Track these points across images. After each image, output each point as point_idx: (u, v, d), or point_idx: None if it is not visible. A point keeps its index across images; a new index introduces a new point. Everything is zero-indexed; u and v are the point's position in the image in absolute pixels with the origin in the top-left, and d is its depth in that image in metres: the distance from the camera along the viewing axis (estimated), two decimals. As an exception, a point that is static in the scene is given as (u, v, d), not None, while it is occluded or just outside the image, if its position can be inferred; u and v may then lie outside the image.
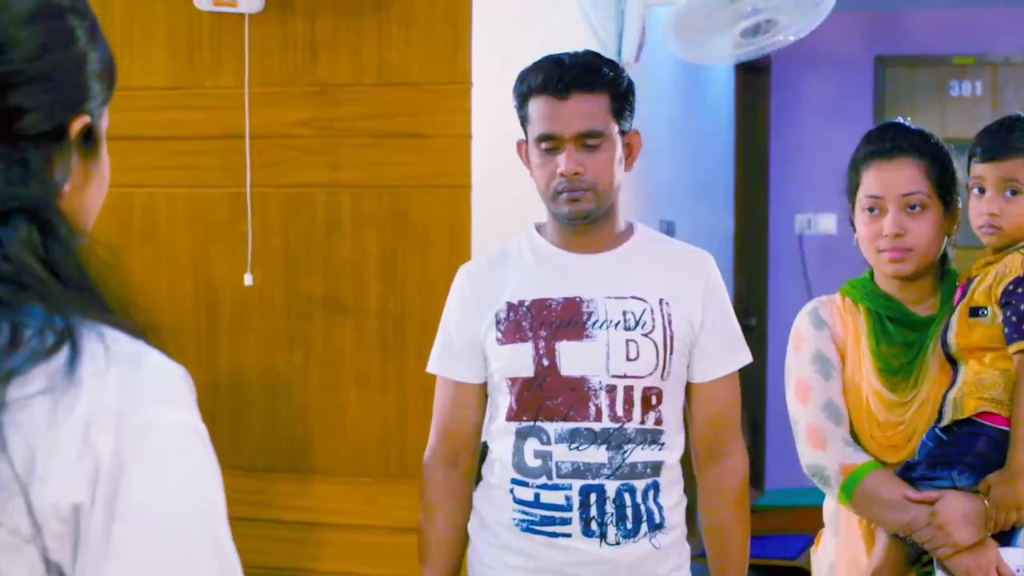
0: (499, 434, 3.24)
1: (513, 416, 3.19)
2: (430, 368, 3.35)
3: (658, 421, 3.18)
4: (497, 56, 4.31)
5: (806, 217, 9.00)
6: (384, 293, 4.25)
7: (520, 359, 3.17)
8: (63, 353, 1.31)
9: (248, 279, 4.29)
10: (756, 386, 8.37)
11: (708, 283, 3.25)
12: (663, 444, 3.19)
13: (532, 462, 3.17)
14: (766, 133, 9.12)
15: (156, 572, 1.31)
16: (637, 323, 3.16)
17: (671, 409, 3.21)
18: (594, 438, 3.13)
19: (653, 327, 3.17)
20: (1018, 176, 3.10)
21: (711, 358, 3.25)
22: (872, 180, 3.22)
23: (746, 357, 3.32)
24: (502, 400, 3.23)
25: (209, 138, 4.39)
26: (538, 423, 3.16)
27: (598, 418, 3.13)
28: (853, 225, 3.31)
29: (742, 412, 3.36)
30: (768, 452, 8.84)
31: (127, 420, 1.32)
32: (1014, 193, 3.09)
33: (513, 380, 3.19)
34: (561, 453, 3.14)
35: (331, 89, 4.28)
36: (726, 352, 3.28)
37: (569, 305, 3.18)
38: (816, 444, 3.20)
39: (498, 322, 3.22)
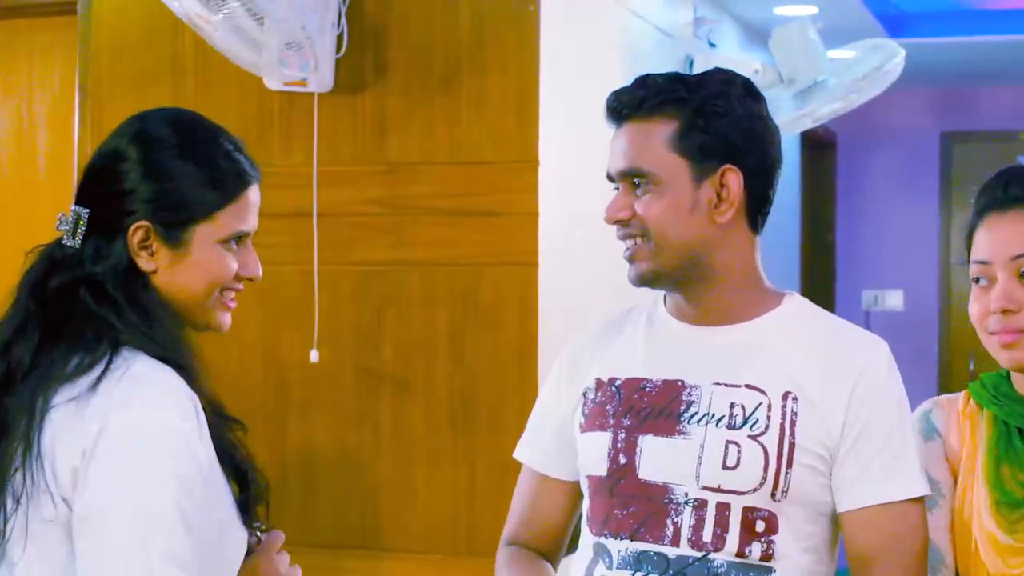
0: (581, 548, 2.48)
1: (589, 525, 2.45)
2: (516, 453, 2.67)
3: (767, 556, 2.32)
4: (564, 135, 4.32)
5: (873, 294, 8.98)
6: (453, 370, 4.26)
7: (595, 452, 2.43)
8: (95, 372, 2.04)
9: (314, 355, 4.31)
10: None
11: (865, 379, 2.36)
12: None
13: None
14: (832, 209, 9.12)
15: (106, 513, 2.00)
16: (745, 421, 2.34)
17: (793, 541, 2.34)
18: (665, 567, 2.32)
19: (766, 428, 2.33)
20: None
21: (853, 479, 2.35)
22: (981, 240, 2.41)
23: (911, 488, 2.36)
24: (585, 505, 2.49)
25: (278, 216, 4.42)
26: (602, 539, 2.40)
27: (674, 542, 2.33)
28: None
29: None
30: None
31: (110, 421, 2.01)
32: None
33: (589, 479, 2.46)
34: None
35: (400, 167, 4.31)
36: (877, 473, 2.35)
37: (667, 390, 2.40)
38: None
39: (584, 403, 2.49)
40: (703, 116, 2.37)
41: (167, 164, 2.17)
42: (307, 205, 4.34)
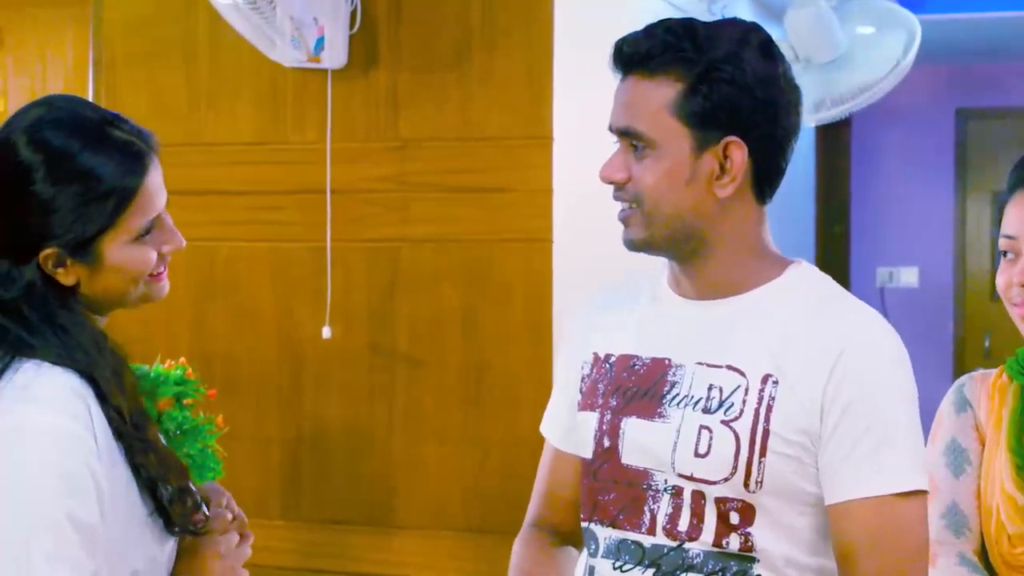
0: None
1: (581, 511, 2.33)
2: (541, 427, 2.49)
3: (747, 547, 2.13)
4: (578, 111, 4.31)
5: (888, 270, 8.95)
6: (465, 347, 4.26)
7: (585, 433, 2.29)
8: None
9: (327, 332, 4.32)
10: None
11: (848, 357, 2.11)
12: None
13: None
14: (847, 186, 9.09)
15: None
16: (720, 404, 2.14)
17: (775, 534, 2.14)
18: (641, 556, 2.18)
19: (741, 413, 2.13)
20: None
21: (834, 469, 2.10)
22: (1011, 215, 2.45)
23: (897, 482, 2.08)
24: None
25: (291, 193, 4.43)
26: (591, 525, 2.27)
27: (650, 530, 2.18)
28: None
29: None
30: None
31: None
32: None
33: (581, 461, 2.32)
34: (604, 572, 2.23)
35: (413, 144, 4.31)
36: (859, 463, 2.09)
37: (655, 369, 2.23)
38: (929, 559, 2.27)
39: (582, 379, 2.34)
40: (708, 82, 2.13)
41: (71, 180, 2.06)
42: (320, 182, 4.34)
